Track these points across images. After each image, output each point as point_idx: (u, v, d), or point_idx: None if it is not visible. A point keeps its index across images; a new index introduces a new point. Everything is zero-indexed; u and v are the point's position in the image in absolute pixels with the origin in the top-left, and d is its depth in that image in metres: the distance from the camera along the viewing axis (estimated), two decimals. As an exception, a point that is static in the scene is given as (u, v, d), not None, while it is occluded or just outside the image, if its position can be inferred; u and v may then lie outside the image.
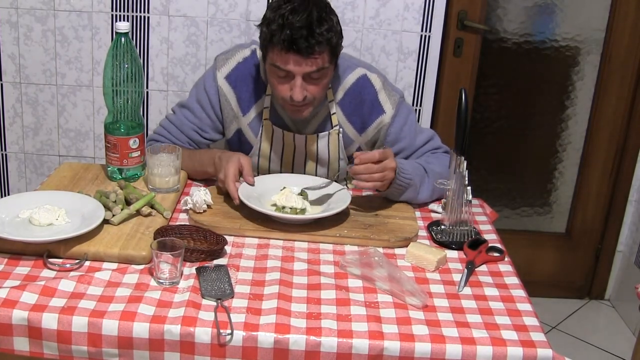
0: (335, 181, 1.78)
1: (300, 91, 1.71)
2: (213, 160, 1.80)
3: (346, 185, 1.97)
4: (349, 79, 1.88)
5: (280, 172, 1.95)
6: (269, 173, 1.95)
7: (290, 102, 1.75)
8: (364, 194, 1.87)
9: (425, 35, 2.42)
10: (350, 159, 1.91)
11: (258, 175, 1.93)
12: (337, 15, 1.74)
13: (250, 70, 1.90)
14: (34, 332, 1.26)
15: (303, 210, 1.66)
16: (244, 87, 1.89)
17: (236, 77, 1.89)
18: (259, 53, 1.88)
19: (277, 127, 1.89)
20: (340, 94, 1.89)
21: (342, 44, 1.78)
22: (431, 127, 2.54)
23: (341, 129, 1.90)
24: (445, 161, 1.85)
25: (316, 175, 1.93)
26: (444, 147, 1.94)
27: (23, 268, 1.41)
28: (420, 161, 1.85)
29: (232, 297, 1.35)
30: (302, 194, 1.73)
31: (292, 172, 1.94)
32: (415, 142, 1.90)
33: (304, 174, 1.94)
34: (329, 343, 1.24)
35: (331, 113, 1.88)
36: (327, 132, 1.89)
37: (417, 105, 2.50)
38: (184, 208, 1.69)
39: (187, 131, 1.93)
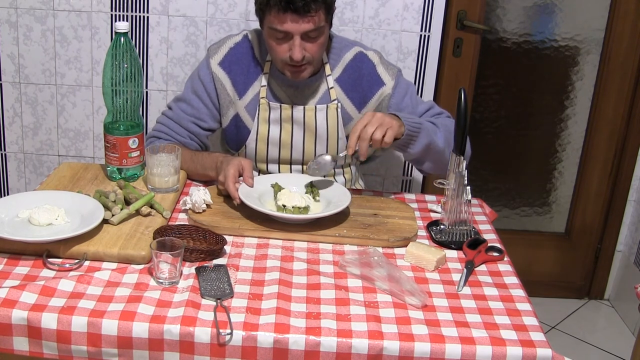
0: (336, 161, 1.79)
1: (299, 50, 1.75)
2: (215, 164, 1.80)
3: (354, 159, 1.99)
4: (347, 57, 1.92)
5: (279, 155, 1.95)
6: (268, 158, 1.96)
7: (290, 63, 1.79)
8: (362, 194, 1.88)
9: (425, 35, 2.42)
10: None
11: (259, 175, 1.94)
12: None
13: (243, 53, 1.93)
14: (34, 331, 1.26)
15: (306, 209, 1.66)
16: (238, 70, 1.92)
17: (230, 61, 1.92)
18: (250, 36, 1.93)
19: (275, 103, 1.90)
20: (338, 71, 1.92)
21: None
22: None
23: (340, 104, 1.91)
24: (449, 121, 1.90)
25: (315, 154, 1.94)
26: (446, 112, 1.97)
27: (22, 268, 1.41)
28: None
29: (232, 297, 1.35)
30: (312, 190, 1.74)
31: (291, 153, 1.95)
32: (416, 110, 1.93)
33: (303, 153, 1.95)
34: (329, 343, 1.24)
35: (329, 87, 1.90)
36: (325, 105, 1.90)
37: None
38: (183, 208, 1.69)
39: (185, 124, 1.93)
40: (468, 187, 1.63)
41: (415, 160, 1.86)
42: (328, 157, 1.77)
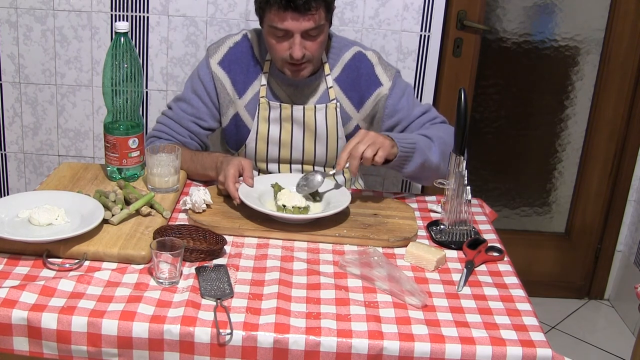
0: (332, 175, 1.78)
1: (299, 49, 1.75)
2: (215, 164, 1.80)
3: (346, 182, 1.98)
4: (346, 56, 1.93)
5: (279, 155, 1.95)
6: (267, 157, 1.96)
7: (290, 61, 1.79)
8: (362, 194, 1.87)
9: (425, 35, 2.42)
10: (349, 139, 1.93)
11: (259, 174, 1.94)
12: None
13: (243, 53, 1.93)
14: (34, 331, 1.26)
15: (306, 209, 1.66)
16: (238, 69, 1.92)
17: (229, 61, 1.92)
18: (250, 36, 1.93)
19: (275, 102, 1.90)
20: (337, 71, 1.92)
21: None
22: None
23: (339, 103, 1.91)
24: (446, 128, 1.89)
25: (315, 154, 1.94)
26: (441, 117, 1.96)
27: (22, 268, 1.41)
28: (419, 132, 1.86)
29: (232, 297, 1.35)
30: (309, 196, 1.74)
31: (291, 152, 1.95)
32: (412, 113, 1.92)
33: (303, 152, 1.94)
34: (329, 343, 1.24)
35: (328, 87, 1.90)
36: (324, 105, 1.90)
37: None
38: (183, 208, 1.69)
39: (185, 123, 1.94)
40: (468, 187, 1.63)
41: (410, 177, 1.85)
42: (318, 176, 1.74)
